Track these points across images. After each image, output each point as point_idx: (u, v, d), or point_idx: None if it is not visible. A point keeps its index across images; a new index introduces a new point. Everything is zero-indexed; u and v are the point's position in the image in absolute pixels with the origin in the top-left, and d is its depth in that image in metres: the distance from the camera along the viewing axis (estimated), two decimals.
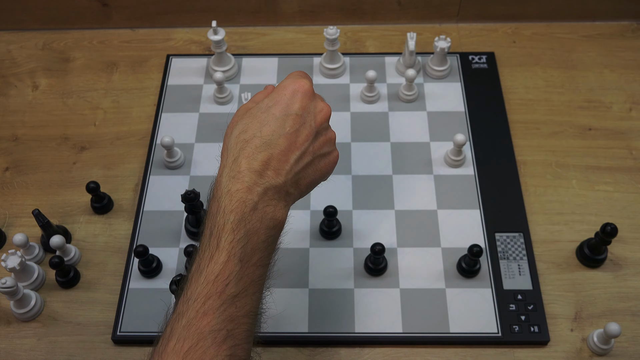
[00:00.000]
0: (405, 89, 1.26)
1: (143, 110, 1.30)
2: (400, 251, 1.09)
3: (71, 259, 1.09)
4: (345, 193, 1.15)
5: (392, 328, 1.01)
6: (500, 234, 1.10)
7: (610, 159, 1.20)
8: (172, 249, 1.10)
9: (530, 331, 1.01)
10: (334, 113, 1.25)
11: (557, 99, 1.29)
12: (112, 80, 1.35)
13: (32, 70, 1.37)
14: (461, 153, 1.16)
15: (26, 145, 1.25)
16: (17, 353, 1.02)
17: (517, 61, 1.35)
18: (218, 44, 1.25)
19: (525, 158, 1.21)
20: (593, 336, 0.99)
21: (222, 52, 1.28)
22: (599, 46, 1.37)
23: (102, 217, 1.16)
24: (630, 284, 1.06)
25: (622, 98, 1.29)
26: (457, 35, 1.40)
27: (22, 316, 1.03)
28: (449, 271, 1.06)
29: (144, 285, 1.06)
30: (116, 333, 1.02)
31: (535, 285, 1.05)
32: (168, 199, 1.15)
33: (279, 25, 1.43)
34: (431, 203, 1.14)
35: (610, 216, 1.13)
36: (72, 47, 1.41)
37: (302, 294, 1.05)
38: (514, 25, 1.41)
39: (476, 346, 1.01)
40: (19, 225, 1.15)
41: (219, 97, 1.27)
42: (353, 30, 1.42)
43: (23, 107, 1.31)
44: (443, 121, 1.24)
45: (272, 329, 1.01)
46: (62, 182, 1.20)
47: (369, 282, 1.06)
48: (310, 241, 1.10)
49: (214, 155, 1.21)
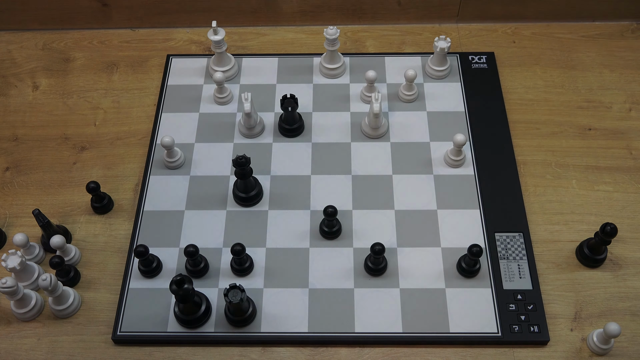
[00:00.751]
0: (405, 89, 1.26)
1: (143, 110, 1.30)
2: (400, 251, 1.09)
3: (71, 259, 1.09)
4: (345, 193, 1.15)
5: (392, 328, 1.01)
6: (500, 234, 1.10)
7: (610, 159, 1.21)
8: (172, 249, 1.10)
9: (530, 331, 1.01)
10: (334, 113, 1.26)
11: (556, 99, 1.29)
12: (112, 80, 1.35)
13: (32, 70, 1.37)
14: (461, 153, 1.16)
15: (26, 145, 1.25)
16: (17, 353, 1.02)
17: (517, 61, 1.35)
18: (218, 44, 1.25)
19: (525, 158, 1.21)
20: (593, 336, 0.99)
21: (222, 52, 1.28)
22: (599, 46, 1.37)
23: (102, 217, 1.16)
24: (630, 284, 1.06)
25: (621, 98, 1.29)
26: (457, 35, 1.40)
27: (22, 316, 1.03)
28: (449, 271, 1.06)
29: (144, 285, 1.06)
30: (116, 333, 1.02)
31: (535, 285, 1.05)
32: (168, 199, 1.15)
33: (279, 25, 1.43)
34: (431, 203, 1.14)
35: (610, 216, 1.14)
36: (72, 47, 1.41)
37: (302, 294, 1.05)
38: (513, 25, 1.41)
39: (476, 346, 1.01)
40: (19, 225, 1.15)
41: (219, 97, 1.27)
42: (353, 30, 1.42)
43: (23, 107, 1.31)
44: (443, 121, 1.24)
45: (272, 329, 1.01)
46: (62, 182, 1.20)
47: (369, 282, 1.06)
48: (310, 241, 1.10)
49: (214, 155, 1.22)
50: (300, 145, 1.22)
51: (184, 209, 1.14)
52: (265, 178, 1.17)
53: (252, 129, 1.20)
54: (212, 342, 1.02)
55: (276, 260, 1.08)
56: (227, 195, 1.15)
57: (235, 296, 0.95)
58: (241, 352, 1.01)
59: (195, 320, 1.01)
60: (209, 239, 1.11)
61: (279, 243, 1.10)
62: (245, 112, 1.16)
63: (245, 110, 1.16)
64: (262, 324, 1.02)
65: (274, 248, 1.09)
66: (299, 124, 1.22)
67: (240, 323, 1.01)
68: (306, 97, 1.28)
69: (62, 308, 1.03)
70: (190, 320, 1.00)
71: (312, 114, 1.26)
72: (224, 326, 1.02)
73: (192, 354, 1.01)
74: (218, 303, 1.04)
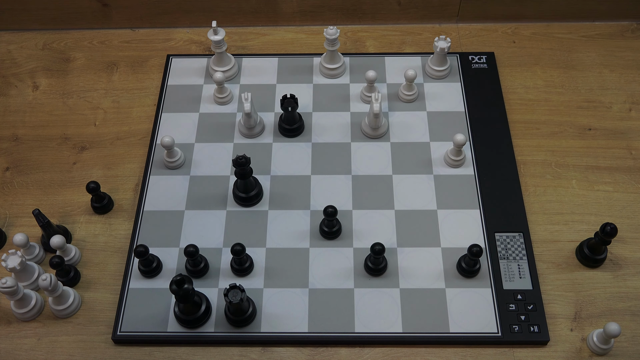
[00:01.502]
0: (405, 89, 1.26)
1: (143, 110, 1.30)
2: (400, 251, 1.09)
3: (71, 259, 1.09)
4: (345, 193, 1.15)
5: (392, 328, 1.01)
6: (500, 234, 1.10)
7: (610, 159, 1.21)
8: (172, 249, 1.10)
9: (530, 331, 1.01)
10: (335, 113, 1.26)
11: (556, 99, 1.29)
12: (112, 80, 1.35)
13: (32, 70, 1.37)
14: (461, 153, 1.16)
15: (26, 145, 1.25)
16: (17, 353, 1.02)
17: (517, 61, 1.35)
18: (218, 44, 1.25)
19: (525, 158, 1.21)
20: (593, 336, 0.99)
21: (222, 52, 1.28)
22: (599, 46, 1.37)
23: (102, 217, 1.16)
24: (630, 284, 1.06)
25: (621, 98, 1.29)
26: (457, 35, 1.40)
27: (22, 316, 1.03)
28: (449, 271, 1.06)
29: (144, 285, 1.06)
30: (116, 333, 1.02)
31: (535, 285, 1.05)
32: (168, 199, 1.15)
33: (279, 25, 1.43)
34: (431, 203, 1.14)
35: (610, 216, 1.14)
36: (72, 47, 1.41)
37: (302, 294, 1.05)
38: (513, 25, 1.41)
39: (476, 346, 1.01)
40: (19, 225, 1.15)
41: (219, 97, 1.27)
42: (353, 30, 1.42)
43: (23, 107, 1.31)
44: (443, 121, 1.24)
45: (272, 329, 1.01)
46: (62, 182, 1.20)
47: (369, 282, 1.06)
48: (310, 241, 1.10)
49: (214, 155, 1.22)
50: (300, 145, 1.22)
51: (184, 209, 1.14)
52: (265, 178, 1.17)
53: (252, 129, 1.20)
54: (212, 342, 1.02)
55: (276, 260, 1.08)
56: (227, 195, 1.15)
57: (235, 296, 0.95)
58: (241, 352, 1.01)
59: (195, 320, 1.01)
60: (209, 239, 1.11)
61: (279, 243, 1.10)
62: (245, 112, 1.16)
63: (245, 110, 1.16)
64: (262, 324, 1.02)
65: (274, 248, 1.09)
66: (299, 124, 1.22)
67: (240, 323, 1.01)
68: (306, 97, 1.28)
69: (62, 308, 1.03)
70: (190, 320, 1.00)
71: (312, 114, 1.26)
72: (224, 326, 1.02)
73: (192, 354, 1.01)
74: (218, 303, 1.04)
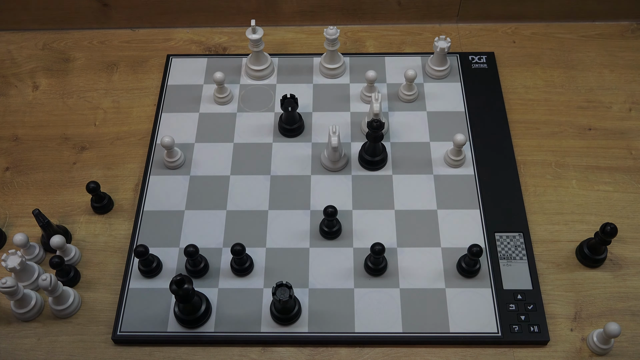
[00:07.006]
0: (405, 89, 1.26)
1: (143, 110, 1.30)
2: (400, 251, 1.09)
3: (71, 259, 1.09)
4: (345, 193, 1.15)
5: (392, 328, 1.01)
6: (500, 234, 1.10)
7: (610, 159, 1.21)
8: (172, 249, 1.10)
9: (530, 331, 1.01)
10: (335, 113, 1.26)
11: (556, 99, 1.29)
12: (112, 80, 1.35)
13: (32, 70, 1.37)
14: (461, 153, 1.16)
15: (26, 145, 1.25)
16: (17, 353, 1.02)
17: (517, 61, 1.35)
18: (256, 42, 1.24)
19: (525, 158, 1.21)
20: (593, 336, 0.99)
21: (260, 51, 1.27)
22: (599, 46, 1.37)
23: (102, 217, 1.16)
24: (630, 284, 1.06)
25: (621, 98, 1.29)
26: (457, 35, 1.40)
27: (22, 316, 1.03)
28: (449, 271, 1.06)
29: (144, 285, 1.06)
30: (116, 333, 1.02)
31: (535, 285, 1.05)
32: (168, 199, 1.15)
33: (279, 25, 1.43)
34: (431, 203, 1.14)
35: (610, 216, 1.14)
36: (72, 47, 1.41)
37: (302, 294, 1.05)
38: (513, 25, 1.41)
39: (476, 346, 1.01)
40: (19, 225, 1.15)
41: (219, 97, 1.27)
42: (353, 30, 1.42)
43: (23, 107, 1.31)
44: (443, 121, 1.24)
45: (272, 329, 1.01)
46: (62, 182, 1.20)
47: (369, 282, 1.06)
48: (310, 241, 1.10)
49: (214, 155, 1.22)
50: (300, 145, 1.22)
51: (184, 209, 1.14)
52: (265, 178, 1.17)
53: (336, 163, 1.17)
54: (212, 342, 1.02)
55: (276, 260, 1.08)
56: (227, 195, 1.15)
57: (284, 294, 0.95)
58: (241, 352, 1.01)
59: (195, 320, 1.01)
60: (209, 239, 1.11)
61: (279, 243, 1.10)
62: (332, 146, 1.11)
63: (333, 144, 1.11)
64: (262, 324, 1.02)
65: (274, 248, 1.09)
66: (299, 124, 1.22)
67: (285, 321, 1.01)
68: (306, 97, 1.28)
69: (62, 308, 1.03)
70: (190, 320, 1.00)
71: (312, 114, 1.26)
72: (224, 326, 1.02)
73: (192, 354, 1.01)
74: (218, 303, 1.04)
